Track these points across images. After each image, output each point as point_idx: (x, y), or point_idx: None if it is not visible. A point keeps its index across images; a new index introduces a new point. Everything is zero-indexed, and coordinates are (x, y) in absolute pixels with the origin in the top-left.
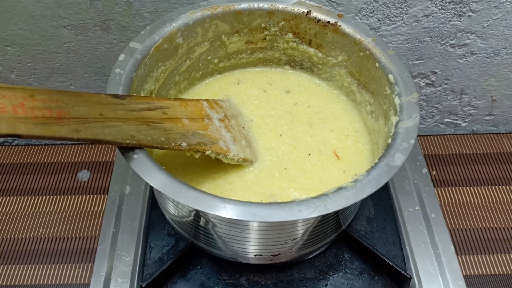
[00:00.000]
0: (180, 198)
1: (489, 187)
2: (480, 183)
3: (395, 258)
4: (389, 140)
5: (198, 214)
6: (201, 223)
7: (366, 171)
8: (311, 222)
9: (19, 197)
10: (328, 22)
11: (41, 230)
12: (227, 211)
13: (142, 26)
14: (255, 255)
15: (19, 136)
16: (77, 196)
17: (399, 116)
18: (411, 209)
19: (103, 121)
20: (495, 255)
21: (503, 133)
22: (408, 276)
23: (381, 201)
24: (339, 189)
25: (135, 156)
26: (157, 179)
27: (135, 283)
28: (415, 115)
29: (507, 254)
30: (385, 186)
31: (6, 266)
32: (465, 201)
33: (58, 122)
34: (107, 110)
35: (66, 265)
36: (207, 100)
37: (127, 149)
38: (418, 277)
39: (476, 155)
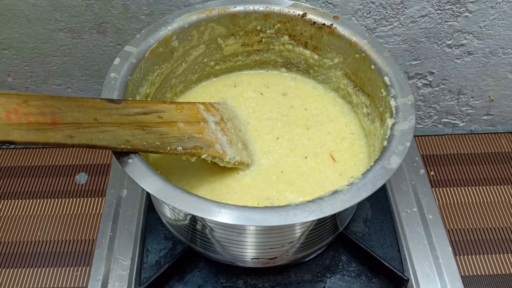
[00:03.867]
0: (175, 203)
1: (487, 187)
2: (478, 183)
3: (392, 260)
4: (385, 143)
5: (194, 218)
6: (198, 227)
7: (361, 174)
8: (307, 225)
9: (16, 200)
10: (324, 24)
11: (38, 233)
12: (222, 216)
13: (139, 29)
14: (251, 259)
15: (12, 143)
16: (74, 199)
17: (395, 119)
18: (408, 211)
19: (98, 126)
20: (493, 255)
21: (501, 133)
22: (405, 278)
23: (378, 203)
24: (335, 192)
25: (130, 161)
26: (152, 184)
27: (132, 287)
28: (411, 117)
29: (505, 254)
30: (382, 187)
31: (3, 269)
32: (463, 201)
33: (52, 128)
34: (101, 115)
35: (63, 268)
36: (203, 103)
37: (122, 154)
38: (415, 278)
39: (474, 155)
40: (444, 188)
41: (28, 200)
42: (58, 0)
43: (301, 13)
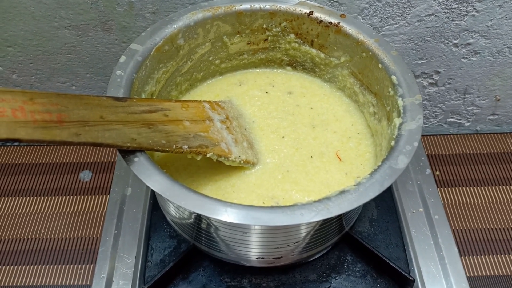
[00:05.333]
0: (180, 201)
1: (493, 187)
2: (483, 183)
3: (398, 260)
4: (392, 143)
5: (199, 217)
6: (203, 226)
7: (369, 174)
8: (313, 225)
9: (21, 197)
10: (330, 22)
11: (43, 231)
12: (228, 215)
13: (144, 27)
14: (256, 258)
15: (18, 141)
16: (79, 196)
17: (403, 118)
18: (414, 211)
19: (104, 124)
20: (499, 256)
21: (507, 133)
22: (411, 278)
23: (384, 203)
24: (342, 192)
25: (135, 159)
26: (158, 182)
27: (137, 285)
28: (419, 116)
29: (511, 255)
30: (388, 187)
31: (8, 267)
32: (468, 201)
33: (58, 126)
34: (107, 113)
35: (67, 266)
36: (209, 102)
37: (127, 152)
38: (421, 279)
39: (479, 155)
40: (449, 188)
41: (32, 198)
42: None
43: (308, 11)
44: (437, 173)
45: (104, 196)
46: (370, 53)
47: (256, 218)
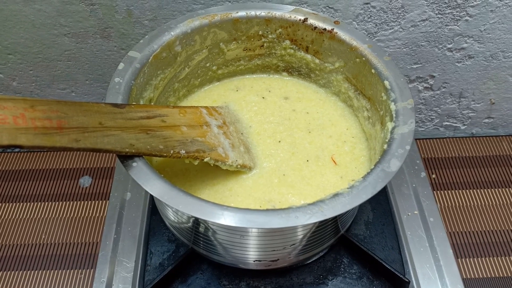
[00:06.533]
0: (178, 205)
1: (488, 189)
2: (479, 186)
3: (393, 263)
4: (385, 146)
5: (197, 220)
6: (200, 229)
7: (362, 177)
8: (309, 228)
9: (21, 203)
10: (325, 29)
11: (43, 236)
12: (225, 218)
13: (142, 34)
14: (254, 261)
15: (20, 147)
16: (78, 202)
17: (395, 122)
18: (409, 213)
19: (103, 130)
20: (494, 258)
21: (502, 136)
22: (406, 280)
23: (380, 206)
24: (336, 195)
25: (134, 164)
26: (156, 186)
27: None
28: (411, 121)
29: (506, 257)
30: (384, 190)
31: (8, 272)
32: (464, 204)
33: (58, 132)
34: (106, 119)
35: (68, 271)
36: (206, 107)
37: (126, 157)
38: (417, 281)
39: (475, 158)
40: (445, 191)
41: (32, 203)
42: (63, 6)
43: (302, 18)
44: (433, 176)
45: (104, 201)
46: (364, 58)
47: (251, 221)
